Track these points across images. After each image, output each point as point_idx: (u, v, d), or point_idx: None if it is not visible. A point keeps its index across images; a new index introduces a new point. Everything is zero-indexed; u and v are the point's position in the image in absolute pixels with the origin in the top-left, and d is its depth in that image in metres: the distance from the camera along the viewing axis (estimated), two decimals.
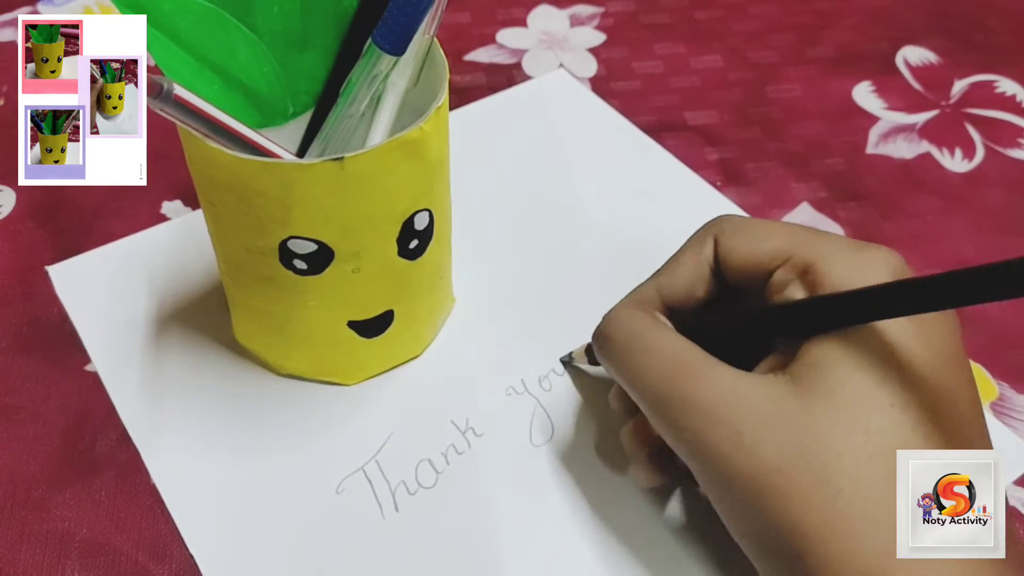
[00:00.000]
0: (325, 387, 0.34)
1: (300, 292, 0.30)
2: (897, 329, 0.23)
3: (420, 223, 0.30)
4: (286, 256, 0.29)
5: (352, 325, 0.31)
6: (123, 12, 0.25)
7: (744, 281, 0.27)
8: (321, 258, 0.28)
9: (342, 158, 0.26)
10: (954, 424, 0.23)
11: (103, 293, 0.37)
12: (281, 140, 0.29)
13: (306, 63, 0.31)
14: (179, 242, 0.39)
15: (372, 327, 0.32)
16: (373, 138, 0.30)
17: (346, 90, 0.30)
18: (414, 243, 0.30)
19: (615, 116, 0.46)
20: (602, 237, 0.40)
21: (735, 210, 0.42)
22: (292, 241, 0.28)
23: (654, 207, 0.41)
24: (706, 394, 0.24)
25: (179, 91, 0.24)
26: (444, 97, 0.28)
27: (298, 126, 0.32)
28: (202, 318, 0.36)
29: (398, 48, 0.29)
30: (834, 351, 0.23)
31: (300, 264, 0.29)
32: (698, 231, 0.29)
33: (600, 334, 0.28)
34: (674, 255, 0.29)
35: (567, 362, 0.34)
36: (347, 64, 0.31)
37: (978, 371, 0.35)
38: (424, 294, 0.33)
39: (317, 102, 0.32)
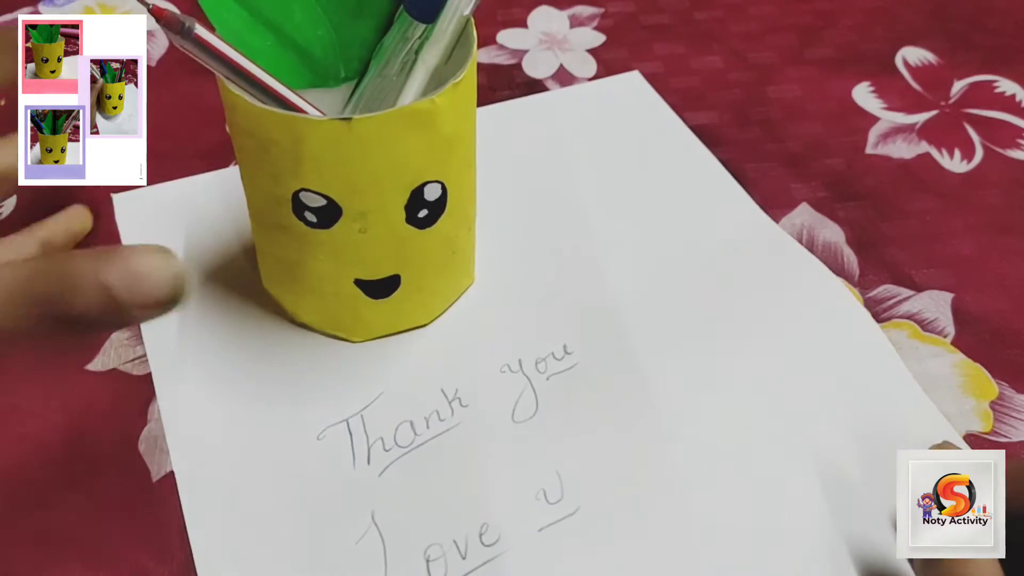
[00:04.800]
0: (330, 341, 0.36)
1: (310, 244, 0.31)
2: None
3: (431, 194, 0.31)
4: (298, 207, 0.30)
5: (358, 283, 0.33)
6: None
7: None
8: (329, 213, 0.30)
9: (350, 119, 0.27)
10: None
11: (154, 226, 0.40)
12: (332, 102, 0.31)
13: (359, 30, 0.32)
14: (231, 189, 0.41)
15: (378, 288, 0.33)
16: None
17: (378, 54, 0.32)
18: (423, 212, 0.31)
19: (674, 120, 0.46)
20: (635, 240, 0.40)
21: (771, 227, 0.41)
22: (303, 193, 0.29)
23: (692, 218, 0.41)
24: None
25: (200, 30, 0.25)
26: (463, 74, 0.29)
27: (349, 90, 0.34)
28: (236, 261, 0.38)
29: (426, 16, 0.30)
30: None
31: (310, 216, 0.30)
32: None
33: None
34: None
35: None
36: None
37: (978, 371, 0.35)
38: (434, 265, 0.34)
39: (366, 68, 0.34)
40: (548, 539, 0.30)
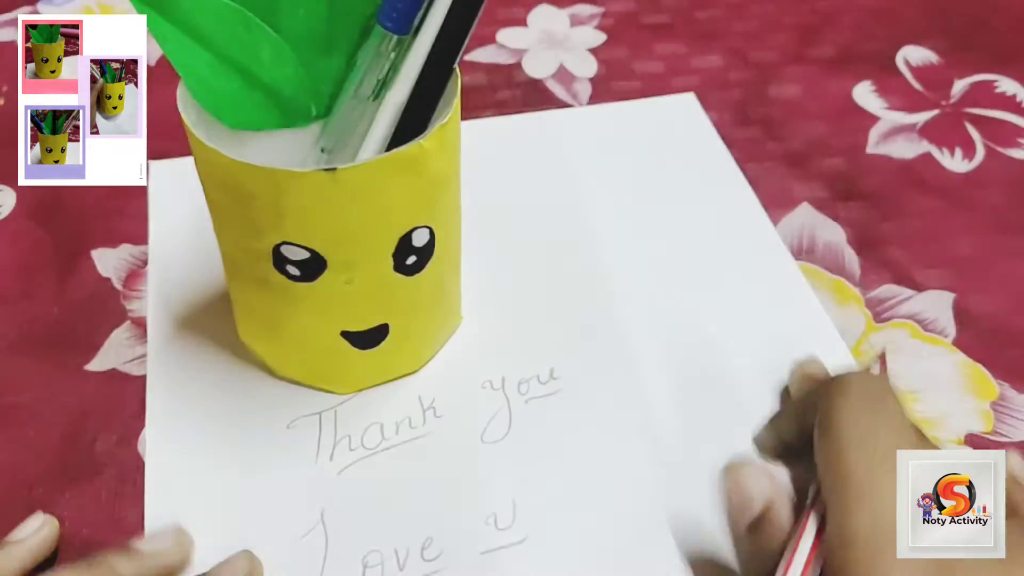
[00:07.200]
0: None
1: (293, 298, 0.30)
2: None
3: (419, 240, 0.29)
4: (279, 261, 0.29)
5: (345, 335, 0.31)
6: (141, 11, 0.25)
7: None
8: (313, 266, 0.28)
9: (335, 169, 0.25)
10: None
11: (186, 198, 0.35)
12: (303, 142, 0.29)
13: (330, 66, 0.31)
14: None
15: (366, 339, 0.32)
16: (367, 147, 0.30)
17: (352, 74, 0.30)
18: (412, 259, 0.30)
19: (719, 147, 0.45)
20: (642, 269, 0.39)
21: (789, 262, 0.41)
22: (285, 247, 0.28)
23: (710, 249, 0.40)
24: None
25: None
26: (450, 115, 0.28)
27: (319, 128, 0.32)
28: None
29: (400, 26, 0.28)
30: None
31: (293, 270, 0.29)
32: None
33: None
34: None
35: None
36: None
37: (979, 371, 0.35)
38: (422, 311, 0.33)
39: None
40: (489, 563, 0.29)
